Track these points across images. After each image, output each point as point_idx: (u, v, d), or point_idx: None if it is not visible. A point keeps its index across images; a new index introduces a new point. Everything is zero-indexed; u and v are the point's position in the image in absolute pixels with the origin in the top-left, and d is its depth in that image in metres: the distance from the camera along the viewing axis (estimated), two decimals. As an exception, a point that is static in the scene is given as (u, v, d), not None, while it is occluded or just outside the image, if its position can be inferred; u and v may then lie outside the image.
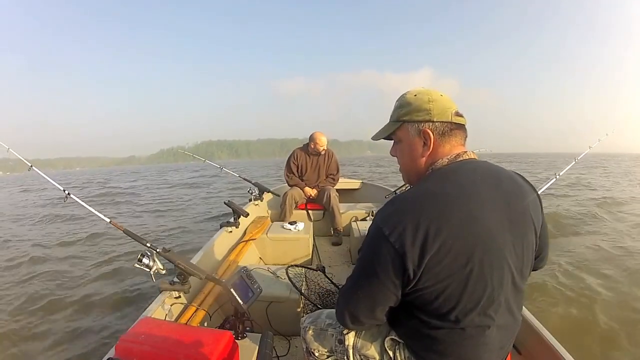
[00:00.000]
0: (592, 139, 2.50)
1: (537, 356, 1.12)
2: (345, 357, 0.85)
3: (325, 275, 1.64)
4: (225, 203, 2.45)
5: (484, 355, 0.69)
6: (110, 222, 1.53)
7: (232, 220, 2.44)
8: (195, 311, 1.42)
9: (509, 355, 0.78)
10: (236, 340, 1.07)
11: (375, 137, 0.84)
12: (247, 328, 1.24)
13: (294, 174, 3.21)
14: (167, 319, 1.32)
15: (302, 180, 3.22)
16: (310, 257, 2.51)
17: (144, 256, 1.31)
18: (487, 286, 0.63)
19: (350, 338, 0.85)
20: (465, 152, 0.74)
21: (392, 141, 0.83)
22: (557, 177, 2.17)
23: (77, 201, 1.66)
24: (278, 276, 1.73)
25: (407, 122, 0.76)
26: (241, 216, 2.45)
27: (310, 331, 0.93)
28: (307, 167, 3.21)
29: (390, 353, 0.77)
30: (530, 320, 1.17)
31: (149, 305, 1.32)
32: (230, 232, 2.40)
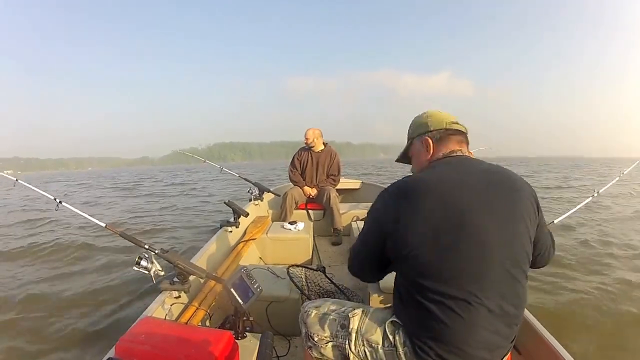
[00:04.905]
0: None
1: (537, 356, 1.12)
2: (346, 342, 0.83)
3: (326, 276, 1.64)
4: (225, 203, 2.44)
5: (474, 336, 0.70)
6: (105, 226, 1.51)
7: (232, 220, 2.44)
8: (195, 311, 1.42)
9: (509, 355, 0.78)
10: (236, 340, 1.07)
11: (397, 160, 1.07)
12: (247, 328, 1.24)
13: (297, 170, 3.38)
14: (167, 318, 1.32)
15: (303, 176, 3.33)
16: (311, 257, 2.52)
17: (141, 258, 1.29)
18: (463, 260, 0.71)
19: (356, 321, 0.85)
20: (460, 149, 0.87)
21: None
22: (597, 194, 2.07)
23: (70, 208, 1.65)
24: (278, 276, 1.73)
25: (415, 138, 0.95)
26: (241, 216, 2.46)
27: (313, 315, 0.93)
28: (308, 163, 3.33)
29: (391, 338, 0.78)
30: (530, 320, 1.17)
31: (149, 305, 1.31)
32: (230, 232, 2.40)
